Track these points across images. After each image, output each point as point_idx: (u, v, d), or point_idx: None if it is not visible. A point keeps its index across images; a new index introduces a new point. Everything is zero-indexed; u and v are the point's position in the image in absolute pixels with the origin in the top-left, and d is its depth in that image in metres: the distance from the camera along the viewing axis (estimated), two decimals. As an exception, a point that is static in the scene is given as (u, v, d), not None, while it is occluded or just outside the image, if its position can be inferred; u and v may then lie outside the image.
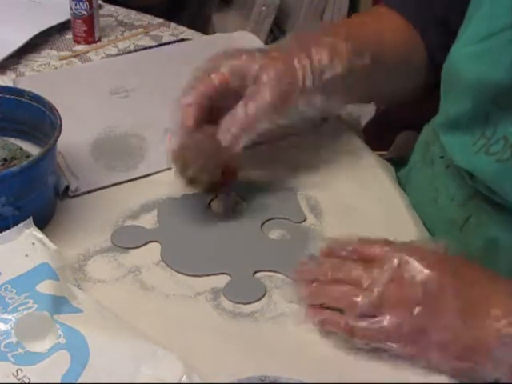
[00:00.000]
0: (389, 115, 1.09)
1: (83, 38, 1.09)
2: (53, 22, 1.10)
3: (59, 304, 0.59)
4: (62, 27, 1.12)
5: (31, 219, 0.66)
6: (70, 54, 1.07)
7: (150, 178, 0.80)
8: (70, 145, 0.80)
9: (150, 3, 1.39)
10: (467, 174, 0.72)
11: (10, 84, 0.93)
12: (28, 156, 0.75)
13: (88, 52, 1.07)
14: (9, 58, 1.01)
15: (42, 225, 0.69)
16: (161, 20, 1.18)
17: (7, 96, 0.76)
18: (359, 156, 0.86)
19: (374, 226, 0.74)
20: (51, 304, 0.59)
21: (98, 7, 1.09)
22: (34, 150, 0.76)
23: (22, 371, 0.55)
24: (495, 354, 0.56)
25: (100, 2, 1.15)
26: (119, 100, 0.94)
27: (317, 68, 0.73)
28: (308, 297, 0.64)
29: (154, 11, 1.22)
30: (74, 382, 0.55)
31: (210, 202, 0.76)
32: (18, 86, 0.89)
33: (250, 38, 1.10)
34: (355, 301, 0.60)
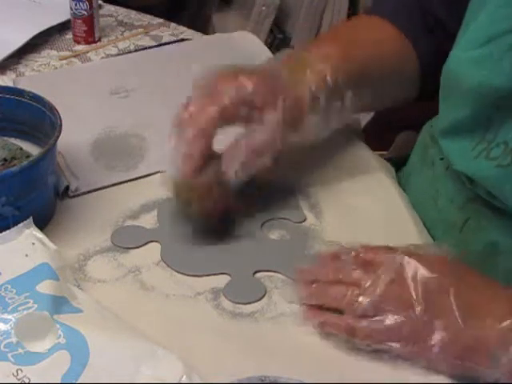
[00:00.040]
0: (389, 115, 1.08)
1: (83, 37, 1.09)
2: (53, 22, 1.10)
3: (59, 304, 0.59)
4: (62, 27, 1.12)
5: (31, 219, 0.66)
6: (69, 54, 1.07)
7: (149, 178, 0.80)
8: (70, 145, 0.80)
9: (150, 3, 1.39)
10: (466, 178, 0.72)
11: (10, 84, 0.93)
12: (28, 156, 0.75)
13: (88, 52, 1.07)
14: (9, 58, 1.01)
15: (41, 225, 0.69)
16: (161, 20, 1.18)
17: (7, 96, 0.76)
18: (359, 156, 0.86)
19: (374, 226, 0.75)
20: (51, 304, 0.59)
21: (98, 7, 1.09)
22: (34, 149, 0.76)
23: (22, 371, 0.55)
24: (495, 354, 0.56)
25: (100, 2, 1.15)
26: (119, 100, 0.94)
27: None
28: (308, 297, 0.64)
29: (154, 11, 1.22)
30: (74, 381, 0.55)
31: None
32: (18, 86, 0.89)
33: (250, 38, 1.11)
34: (356, 301, 0.60)
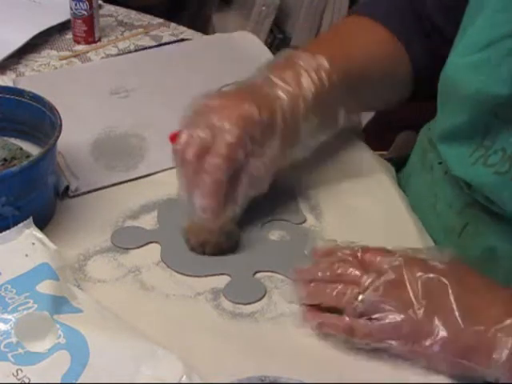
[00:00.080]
0: (389, 115, 1.08)
1: (83, 37, 1.09)
2: (53, 22, 1.10)
3: (59, 304, 0.59)
4: (62, 27, 1.12)
5: (31, 219, 0.66)
6: (69, 54, 1.07)
7: (149, 178, 0.80)
8: (70, 145, 0.80)
9: (150, 3, 1.39)
10: (465, 183, 0.72)
11: (10, 84, 0.93)
12: (28, 156, 0.75)
13: (88, 52, 1.07)
14: (9, 58, 1.01)
15: (41, 225, 0.69)
16: (161, 20, 1.18)
17: (7, 96, 0.76)
18: (359, 156, 0.86)
19: (373, 227, 0.75)
20: (51, 304, 0.59)
21: (98, 7, 1.09)
22: (34, 150, 0.76)
23: (22, 371, 0.55)
24: (495, 354, 0.56)
25: (100, 2, 1.15)
26: (119, 100, 0.94)
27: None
28: (306, 297, 0.64)
29: (154, 11, 1.22)
30: (74, 381, 0.55)
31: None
32: (18, 86, 0.89)
33: (250, 38, 1.11)
34: (355, 299, 0.60)
